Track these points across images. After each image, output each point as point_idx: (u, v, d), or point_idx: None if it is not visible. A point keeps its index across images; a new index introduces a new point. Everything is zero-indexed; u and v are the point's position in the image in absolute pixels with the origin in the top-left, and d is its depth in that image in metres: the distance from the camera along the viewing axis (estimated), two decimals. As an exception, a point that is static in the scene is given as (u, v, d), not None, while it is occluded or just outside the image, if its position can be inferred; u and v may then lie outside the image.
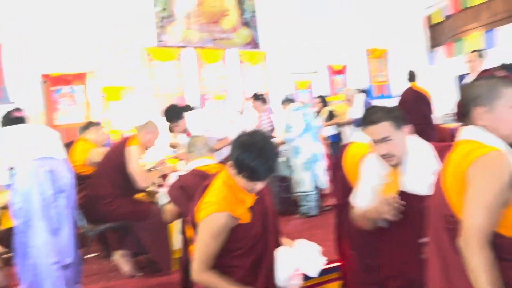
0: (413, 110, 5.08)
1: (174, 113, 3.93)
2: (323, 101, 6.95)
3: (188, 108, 4.84)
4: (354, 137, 2.47)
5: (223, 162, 3.05)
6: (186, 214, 2.52)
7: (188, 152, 2.75)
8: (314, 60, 8.37)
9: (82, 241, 3.24)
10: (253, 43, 7.96)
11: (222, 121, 4.22)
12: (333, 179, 2.58)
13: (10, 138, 2.94)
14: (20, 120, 3.09)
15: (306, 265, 2.04)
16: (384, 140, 1.82)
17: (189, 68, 7.45)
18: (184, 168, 2.80)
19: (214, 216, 1.83)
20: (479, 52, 4.49)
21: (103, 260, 3.87)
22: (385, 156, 1.84)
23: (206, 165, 2.66)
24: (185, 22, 7.41)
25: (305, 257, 2.04)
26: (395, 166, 1.86)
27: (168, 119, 3.97)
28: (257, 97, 5.64)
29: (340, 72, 8.62)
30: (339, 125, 6.27)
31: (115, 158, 3.41)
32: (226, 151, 4.03)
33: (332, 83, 8.55)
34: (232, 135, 4.10)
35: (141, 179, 3.41)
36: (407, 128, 1.89)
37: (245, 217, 1.90)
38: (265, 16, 7.98)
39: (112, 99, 6.61)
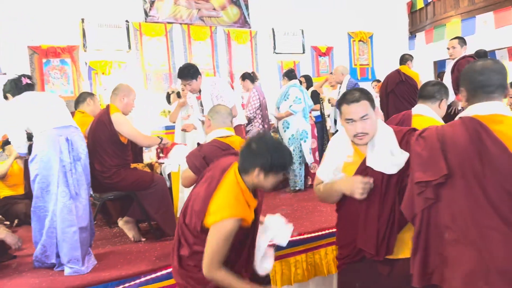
0: (395, 92, 5.41)
1: (189, 72, 3.99)
2: (308, 80, 7.12)
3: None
4: (417, 110, 2.66)
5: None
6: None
7: (210, 118, 2.90)
8: (300, 41, 8.56)
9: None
10: (242, 22, 8.06)
11: (230, 90, 4.35)
12: None
13: (26, 106, 3.03)
14: (31, 87, 3.17)
15: (277, 236, 2.25)
16: (363, 118, 1.96)
17: (178, 45, 7.51)
18: (207, 135, 2.93)
19: (228, 222, 1.92)
20: (460, 40, 4.76)
21: (105, 227, 4.04)
22: (359, 135, 1.98)
23: (226, 136, 2.83)
24: (173, -2, 7.43)
25: (274, 229, 2.25)
26: (362, 144, 2.04)
27: (182, 77, 4.03)
28: (245, 77, 5.80)
29: (325, 54, 8.84)
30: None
31: (105, 130, 3.41)
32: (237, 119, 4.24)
33: (317, 64, 8.78)
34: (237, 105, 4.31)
35: (140, 138, 3.51)
36: (376, 110, 2.10)
37: (250, 220, 2.03)
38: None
39: (101, 73, 6.63)
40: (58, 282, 2.70)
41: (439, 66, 9.26)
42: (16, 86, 3.17)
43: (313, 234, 3.47)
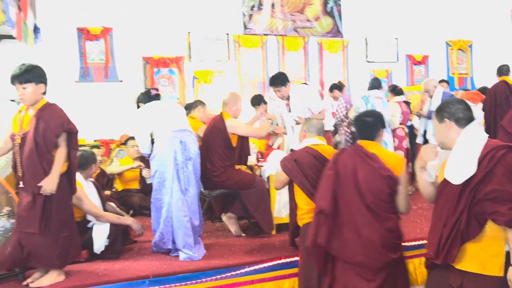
0: (502, 106, 5.16)
1: (279, 79, 4.33)
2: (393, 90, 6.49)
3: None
4: None
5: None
6: (296, 182, 2.97)
7: (305, 130, 3.17)
8: (394, 49, 8.47)
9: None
10: (334, 32, 8.21)
11: (318, 96, 4.59)
12: None
13: (151, 112, 3.54)
14: (158, 97, 3.69)
15: None
16: None
17: (272, 55, 7.88)
18: (300, 144, 3.21)
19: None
20: None
21: (208, 222, 4.45)
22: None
23: (318, 145, 3.08)
24: (270, 11, 7.82)
25: None
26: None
27: (273, 84, 4.38)
28: (333, 88, 5.97)
29: (421, 62, 8.64)
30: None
31: (219, 135, 3.86)
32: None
33: (411, 73, 8.61)
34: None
35: (257, 132, 4.11)
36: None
37: None
38: (349, 5, 8.18)
39: (203, 81, 7.22)
40: (176, 266, 3.10)
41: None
42: (147, 97, 3.72)
43: (408, 244, 3.51)
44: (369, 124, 2.69)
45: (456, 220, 2.01)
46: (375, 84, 5.56)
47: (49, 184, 2.69)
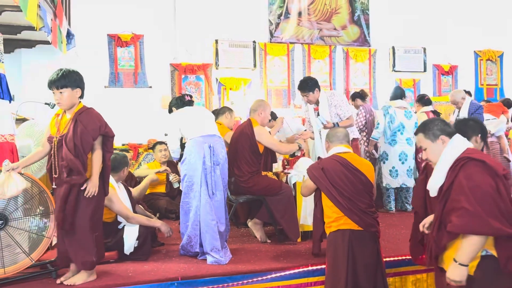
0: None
1: (307, 85, 4.38)
2: (420, 100, 6.10)
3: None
4: None
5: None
6: (323, 191, 2.98)
7: (328, 141, 3.20)
8: (421, 59, 8.39)
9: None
10: (361, 41, 8.19)
11: (346, 101, 4.58)
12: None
13: (183, 117, 3.62)
14: (190, 103, 3.77)
15: None
16: (421, 148, 2.38)
17: (298, 63, 7.92)
18: (327, 153, 3.23)
19: None
20: None
21: (233, 227, 4.49)
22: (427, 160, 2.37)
23: (344, 152, 3.08)
24: (297, 19, 7.87)
25: None
26: None
27: (301, 88, 4.43)
28: (355, 96, 5.95)
29: (448, 73, 8.52)
30: None
31: (247, 141, 3.90)
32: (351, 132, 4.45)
33: (439, 84, 8.50)
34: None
35: (279, 146, 4.07)
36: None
37: None
38: (376, 14, 8.16)
39: (229, 88, 7.30)
40: (203, 269, 3.13)
41: None
42: (181, 102, 3.80)
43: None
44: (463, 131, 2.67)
45: (434, 227, 2.22)
46: (398, 93, 5.49)
47: (93, 186, 2.81)
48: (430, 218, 2.35)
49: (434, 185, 2.24)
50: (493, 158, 2.21)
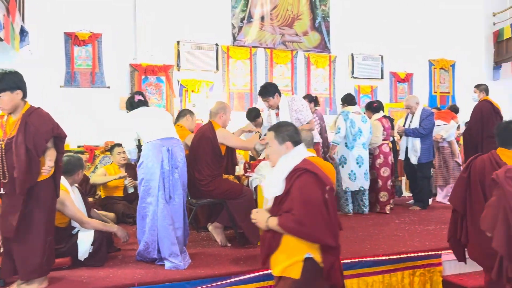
0: (488, 123, 5.32)
1: (268, 90, 4.41)
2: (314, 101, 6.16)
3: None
4: None
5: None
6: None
7: None
8: (379, 66, 8.65)
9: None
10: (322, 47, 8.35)
11: (307, 106, 4.63)
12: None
13: (139, 119, 3.52)
14: (144, 103, 3.66)
15: None
16: (267, 144, 2.50)
17: (260, 67, 7.96)
18: None
19: None
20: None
21: (193, 231, 4.43)
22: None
23: (310, 157, 3.09)
24: (259, 24, 7.91)
25: None
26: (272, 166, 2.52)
27: (262, 94, 4.46)
28: (311, 99, 6.04)
29: (404, 80, 8.84)
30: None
31: (209, 144, 3.85)
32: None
33: (395, 90, 8.80)
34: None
35: (245, 144, 4.11)
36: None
37: None
38: (336, 22, 8.35)
39: (191, 91, 7.22)
40: (161, 274, 3.06)
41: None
42: (131, 104, 3.69)
43: (391, 257, 3.56)
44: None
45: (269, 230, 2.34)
46: (348, 99, 5.66)
47: (47, 168, 2.71)
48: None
49: (271, 192, 2.36)
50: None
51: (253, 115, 5.61)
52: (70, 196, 3.32)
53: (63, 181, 3.25)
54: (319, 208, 2.19)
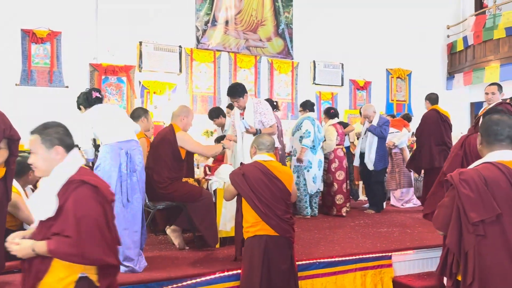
0: (436, 131, 5.59)
1: (237, 90, 4.44)
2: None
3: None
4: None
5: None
6: (243, 196, 3.07)
7: (256, 147, 3.26)
8: (339, 74, 8.91)
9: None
10: (285, 53, 8.50)
11: (271, 110, 4.70)
12: None
13: (96, 119, 3.44)
14: (100, 100, 3.59)
15: None
16: (31, 151, 2.01)
17: (224, 71, 8.01)
18: (252, 159, 3.30)
19: None
20: (499, 86, 4.95)
21: (151, 234, 4.40)
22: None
23: (267, 161, 3.18)
24: (224, 28, 7.97)
25: None
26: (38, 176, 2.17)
27: (231, 94, 4.47)
28: (271, 104, 6.17)
29: (363, 88, 9.14)
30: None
31: (170, 147, 3.85)
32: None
33: (354, 97, 9.08)
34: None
35: (205, 150, 4.14)
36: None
37: None
38: (299, 29, 8.52)
39: (153, 92, 7.17)
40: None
41: (476, 108, 9.36)
42: (87, 99, 3.59)
43: (343, 258, 3.70)
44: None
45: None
46: (308, 105, 5.86)
47: None
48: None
49: (42, 214, 1.94)
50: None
51: (214, 115, 5.66)
52: (22, 198, 3.24)
53: (15, 183, 3.16)
54: (98, 226, 1.91)
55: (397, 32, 9.06)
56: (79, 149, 4.75)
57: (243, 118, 4.58)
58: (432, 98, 5.86)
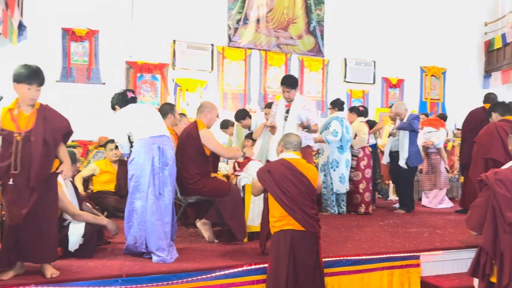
0: (478, 129, 5.44)
1: (292, 82, 4.64)
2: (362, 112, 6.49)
3: None
4: None
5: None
6: (269, 191, 3.14)
7: (283, 146, 3.33)
8: (371, 72, 8.81)
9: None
10: (316, 51, 8.49)
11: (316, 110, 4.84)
12: None
13: (130, 116, 3.61)
14: (135, 100, 3.77)
15: None
16: None
17: (255, 69, 8.09)
18: (278, 156, 3.38)
19: None
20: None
21: (182, 227, 4.54)
22: None
23: (292, 158, 3.24)
24: (255, 26, 8.05)
25: None
26: None
27: (285, 84, 4.68)
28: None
29: (396, 86, 9.01)
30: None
31: (194, 143, 3.96)
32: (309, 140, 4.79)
33: (386, 95, 8.96)
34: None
35: (223, 151, 4.17)
36: None
37: None
38: (331, 26, 8.49)
39: (185, 90, 7.34)
40: (148, 267, 3.18)
41: (514, 107, 9.03)
42: (122, 99, 3.78)
43: (370, 256, 3.70)
44: None
45: None
46: (338, 104, 5.86)
47: (68, 171, 2.98)
48: None
49: None
50: None
51: (240, 116, 5.75)
52: (63, 189, 3.43)
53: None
54: None
55: (432, 29, 8.88)
56: (116, 143, 5.02)
57: (287, 111, 4.65)
58: (491, 98, 5.69)
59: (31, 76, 2.83)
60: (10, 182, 2.79)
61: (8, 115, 2.85)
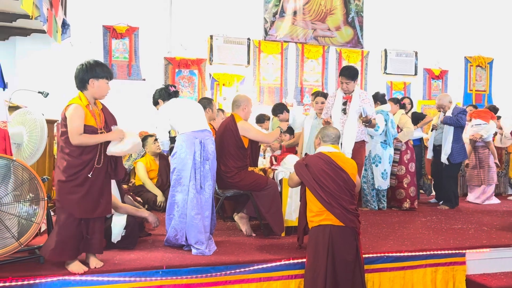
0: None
1: (351, 73, 4.56)
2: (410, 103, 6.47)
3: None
4: None
5: None
6: (306, 185, 3.10)
7: (320, 139, 3.28)
8: (413, 63, 8.52)
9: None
10: (354, 42, 8.31)
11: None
12: None
13: (173, 111, 3.67)
14: (177, 94, 3.82)
15: None
16: None
17: (291, 62, 8.02)
18: (316, 150, 3.34)
19: None
20: None
21: (220, 220, 4.58)
22: None
23: (331, 152, 3.18)
24: (292, 19, 7.96)
25: None
26: None
27: (345, 75, 4.60)
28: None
29: (439, 77, 8.67)
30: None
31: (232, 137, 3.98)
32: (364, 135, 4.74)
33: (429, 87, 8.64)
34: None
35: (265, 137, 4.24)
36: None
37: None
38: (370, 16, 8.27)
39: (222, 84, 7.38)
40: (188, 259, 3.22)
41: None
42: (166, 93, 3.84)
43: (413, 253, 3.59)
44: None
45: None
46: (380, 97, 5.67)
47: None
48: None
49: None
50: None
51: (278, 110, 5.70)
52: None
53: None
54: None
55: (477, 17, 8.46)
56: (156, 140, 5.14)
57: (344, 104, 4.61)
58: None
59: (109, 71, 3.01)
60: (89, 175, 2.90)
61: (87, 110, 2.94)
